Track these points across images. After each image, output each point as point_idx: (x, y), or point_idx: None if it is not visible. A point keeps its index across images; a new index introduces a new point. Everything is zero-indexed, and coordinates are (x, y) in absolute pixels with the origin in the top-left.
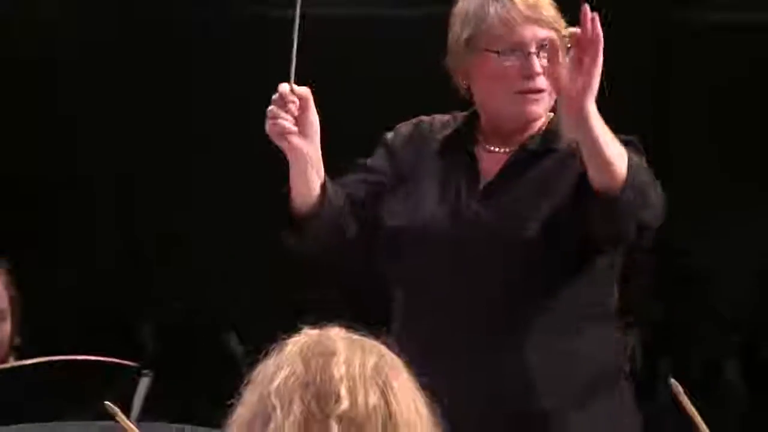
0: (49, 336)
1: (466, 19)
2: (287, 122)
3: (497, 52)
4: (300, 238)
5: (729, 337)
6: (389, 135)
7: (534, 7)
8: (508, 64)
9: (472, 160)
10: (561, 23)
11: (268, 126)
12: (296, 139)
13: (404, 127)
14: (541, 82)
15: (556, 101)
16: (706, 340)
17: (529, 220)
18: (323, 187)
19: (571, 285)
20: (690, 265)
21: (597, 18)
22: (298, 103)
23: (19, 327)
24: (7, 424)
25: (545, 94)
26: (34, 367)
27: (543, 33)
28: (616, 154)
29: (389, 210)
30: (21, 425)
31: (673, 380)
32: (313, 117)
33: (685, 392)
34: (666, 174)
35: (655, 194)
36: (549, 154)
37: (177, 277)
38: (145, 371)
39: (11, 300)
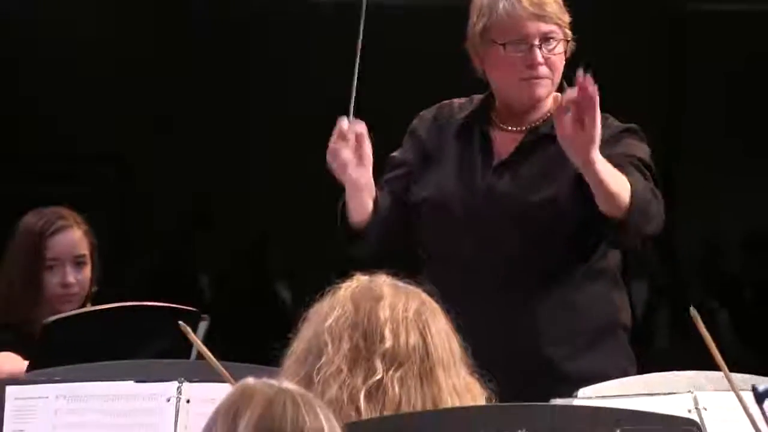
0: (119, 284)
1: (480, 12)
2: (348, 155)
3: (504, 44)
4: (354, 242)
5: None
6: (415, 122)
7: (538, 4)
8: (513, 55)
9: (486, 141)
10: (564, 18)
11: (329, 160)
12: (353, 172)
13: (428, 113)
14: (543, 70)
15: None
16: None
17: (536, 195)
18: (375, 201)
19: (572, 249)
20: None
21: (590, 79)
22: (354, 138)
23: (96, 275)
24: (90, 361)
25: (547, 80)
26: (109, 311)
27: (546, 27)
28: (620, 187)
29: (417, 185)
30: (106, 362)
31: (692, 308)
32: (368, 149)
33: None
34: None
35: (657, 208)
36: (552, 137)
37: (236, 233)
38: (204, 315)
39: (91, 249)
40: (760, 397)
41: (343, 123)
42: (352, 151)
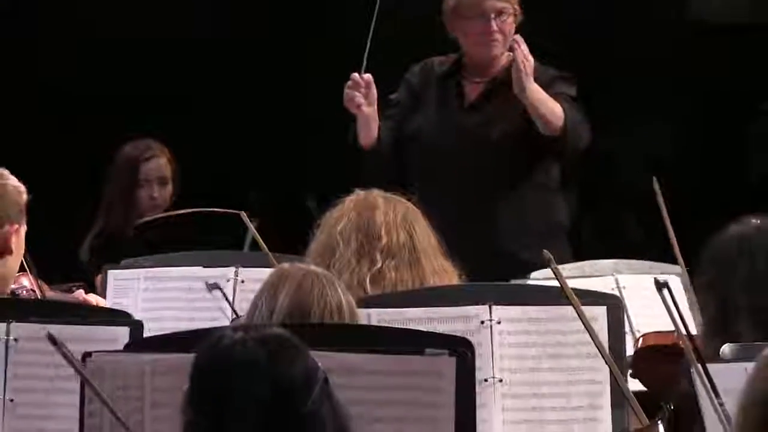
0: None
1: None
2: (361, 99)
3: (469, 18)
4: (368, 160)
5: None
6: (407, 73)
7: None
8: (475, 25)
9: (459, 88)
10: None
11: (346, 100)
12: (364, 108)
13: (416, 66)
14: (497, 36)
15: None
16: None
17: (495, 128)
18: (378, 130)
19: (526, 166)
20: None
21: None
22: (365, 85)
23: (176, 189)
24: (169, 252)
25: (499, 43)
26: (184, 215)
27: (500, 5)
28: (552, 109)
29: (407, 121)
30: (181, 252)
31: (655, 179)
32: (374, 93)
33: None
34: None
35: (584, 129)
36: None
37: (278, 158)
38: (253, 219)
39: (173, 171)
40: (660, 286)
41: (356, 75)
42: (362, 95)
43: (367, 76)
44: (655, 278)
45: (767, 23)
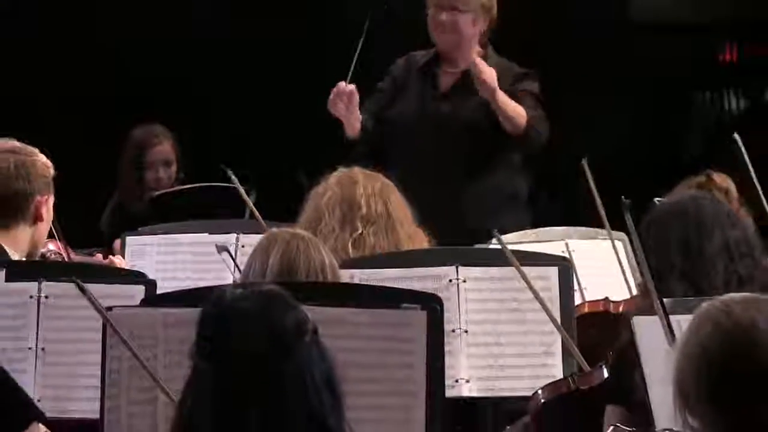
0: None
1: None
2: (342, 109)
3: (430, 7)
4: (353, 148)
5: None
6: (393, 65)
7: None
8: (432, 16)
9: (435, 79)
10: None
11: (329, 105)
12: (345, 113)
13: (401, 60)
14: (445, 28)
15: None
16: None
17: (465, 116)
18: (361, 124)
19: (491, 149)
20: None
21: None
22: (351, 96)
23: (179, 171)
24: (179, 221)
25: (448, 36)
26: (191, 189)
27: (454, 2)
28: (516, 113)
29: (389, 108)
30: (189, 221)
31: (584, 161)
32: (355, 100)
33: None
34: None
35: (543, 126)
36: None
37: (273, 140)
38: (251, 192)
39: (176, 153)
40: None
41: (341, 85)
42: (344, 104)
43: (351, 87)
44: (621, 199)
45: (690, 23)
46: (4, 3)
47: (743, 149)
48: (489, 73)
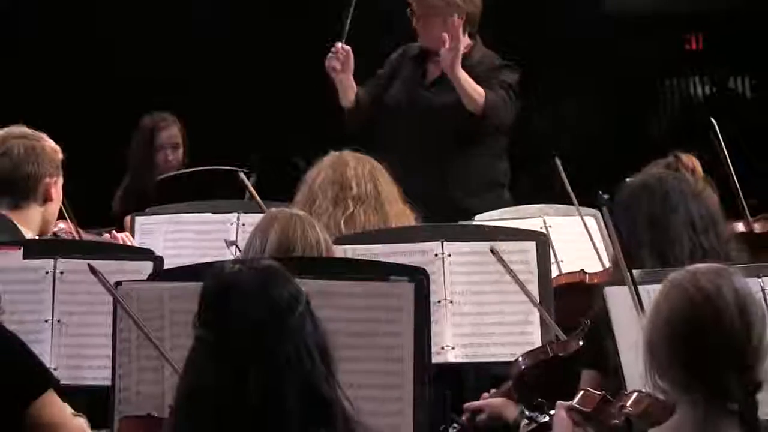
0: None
1: None
2: (337, 65)
3: (414, 12)
4: (348, 118)
5: None
6: (392, 54)
7: None
8: (416, 19)
9: (423, 67)
10: (450, 6)
11: (327, 66)
12: (340, 74)
13: (399, 48)
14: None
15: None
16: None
17: (449, 103)
18: (356, 94)
19: (472, 131)
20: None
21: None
22: (343, 54)
23: (186, 155)
24: (184, 201)
25: (428, 28)
26: (195, 171)
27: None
28: (474, 92)
29: (386, 92)
30: (193, 201)
31: (556, 157)
32: (351, 61)
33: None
34: None
35: (504, 111)
36: (466, 68)
37: (274, 126)
38: (251, 174)
39: (183, 136)
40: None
41: (338, 45)
42: (340, 62)
43: (347, 47)
44: (598, 195)
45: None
46: (4, 3)
47: (718, 131)
48: (453, 53)
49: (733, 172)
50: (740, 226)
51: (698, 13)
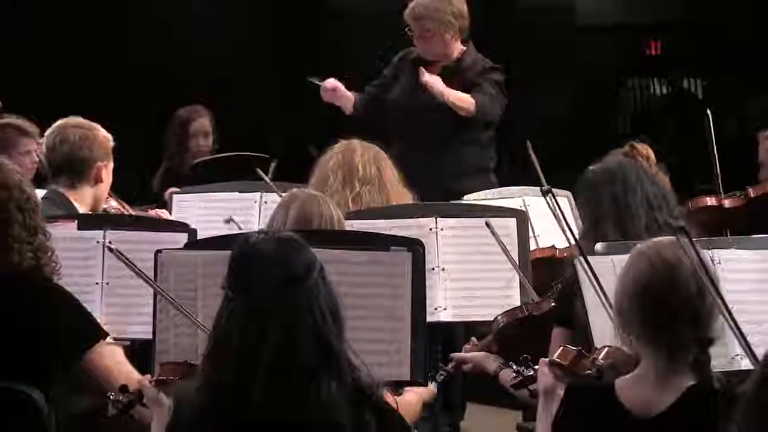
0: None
1: (406, 15)
2: (328, 95)
3: (409, 28)
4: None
5: None
6: (395, 57)
7: (418, 15)
8: (414, 37)
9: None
10: (441, 23)
11: (323, 98)
12: (338, 100)
13: (400, 53)
14: (421, 43)
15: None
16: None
17: (442, 102)
18: (354, 105)
19: (463, 125)
20: None
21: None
22: (334, 89)
23: (216, 142)
24: (214, 182)
25: (424, 48)
26: (223, 157)
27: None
28: (462, 102)
29: (388, 93)
30: (222, 182)
31: (528, 143)
32: (340, 89)
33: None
34: None
35: (491, 108)
36: (460, 71)
37: (295, 115)
38: (274, 160)
39: (213, 125)
40: (545, 193)
41: (325, 84)
42: (330, 95)
43: (330, 82)
44: (540, 188)
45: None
46: (4, 3)
47: (711, 125)
48: (432, 81)
49: (717, 157)
50: (711, 200)
51: (657, 24)
